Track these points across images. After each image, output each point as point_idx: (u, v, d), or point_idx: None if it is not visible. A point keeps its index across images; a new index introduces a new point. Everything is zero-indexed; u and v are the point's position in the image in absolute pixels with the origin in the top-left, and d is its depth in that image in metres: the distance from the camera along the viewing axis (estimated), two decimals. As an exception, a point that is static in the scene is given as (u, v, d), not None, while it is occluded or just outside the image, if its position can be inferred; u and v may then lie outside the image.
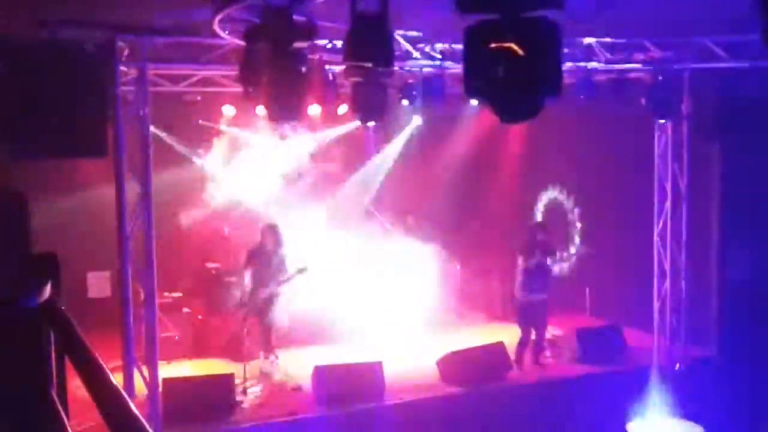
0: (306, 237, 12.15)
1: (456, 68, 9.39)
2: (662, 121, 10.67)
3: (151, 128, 8.97)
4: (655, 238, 11.03)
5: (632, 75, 10.32)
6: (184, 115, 11.44)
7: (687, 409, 9.91)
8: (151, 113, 8.82)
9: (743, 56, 9.51)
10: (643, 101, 10.08)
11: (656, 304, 11.06)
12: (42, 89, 7.78)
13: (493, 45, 5.52)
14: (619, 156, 11.79)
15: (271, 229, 10.17)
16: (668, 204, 10.88)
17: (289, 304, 10.53)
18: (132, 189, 8.77)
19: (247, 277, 9.97)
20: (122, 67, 8.73)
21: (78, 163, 10.65)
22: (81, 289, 11.45)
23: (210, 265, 11.79)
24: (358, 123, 11.89)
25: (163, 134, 10.95)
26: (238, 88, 8.66)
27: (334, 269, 12.00)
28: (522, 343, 10.53)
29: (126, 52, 8.73)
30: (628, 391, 10.21)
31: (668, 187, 10.88)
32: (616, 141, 11.77)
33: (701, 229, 10.99)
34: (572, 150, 12.68)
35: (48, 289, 2.63)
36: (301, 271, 9.95)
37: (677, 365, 10.79)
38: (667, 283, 10.94)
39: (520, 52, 5.62)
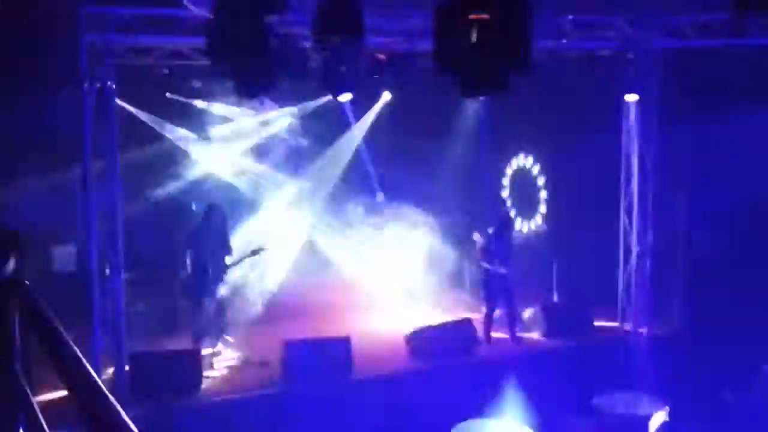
0: (275, 212, 12.16)
1: (427, 43, 9.36)
2: (631, 98, 10.74)
3: (118, 101, 8.86)
4: (622, 214, 11.15)
5: (602, 53, 10.37)
6: (152, 89, 11.29)
7: (651, 384, 10.08)
8: (117, 86, 8.71)
9: (715, 35, 9.60)
10: (612, 78, 10.14)
11: (622, 280, 11.22)
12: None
13: (472, 17, 5.56)
14: (587, 129, 11.83)
15: (214, 209, 10.05)
16: (635, 180, 10.99)
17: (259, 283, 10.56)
18: (100, 163, 8.68)
19: (189, 259, 9.81)
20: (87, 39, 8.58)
21: (48, 138, 10.44)
22: (46, 263, 11.33)
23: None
24: (329, 97, 11.91)
25: (130, 108, 10.82)
26: (207, 62, 8.55)
27: (304, 244, 12.03)
28: (486, 318, 10.64)
29: (90, 23, 8.58)
30: (594, 366, 10.37)
31: (635, 163, 10.98)
32: (585, 116, 11.80)
33: (668, 207, 11.12)
34: (541, 124, 12.69)
35: (12, 265, 2.62)
36: (256, 252, 9.92)
37: (642, 340, 10.96)
38: (633, 260, 11.08)
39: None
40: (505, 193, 13.73)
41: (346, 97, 9.38)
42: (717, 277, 10.46)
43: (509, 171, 14.46)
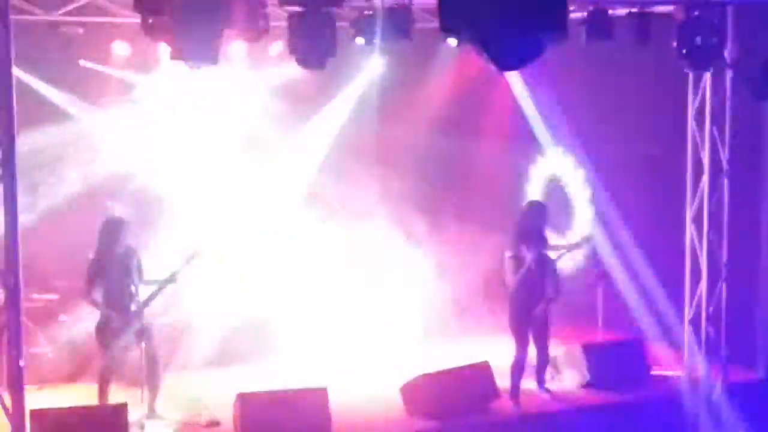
0: (223, 218, 12.11)
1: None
2: (698, 72, 10.71)
3: (15, 71, 8.76)
4: (688, 225, 11.09)
5: (659, 9, 10.33)
6: (61, 54, 11.22)
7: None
8: (14, 51, 8.61)
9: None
10: (674, 45, 10.10)
11: (688, 312, 11.15)
12: None
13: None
14: (642, 116, 11.80)
15: (117, 226, 9.93)
16: (705, 180, 10.94)
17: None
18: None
19: (99, 297, 9.70)
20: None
21: None
22: None
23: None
24: (297, 68, 11.89)
25: (31, 79, 10.73)
26: (134, 18, 8.48)
27: (262, 263, 11.96)
28: (518, 363, 10.50)
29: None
30: (652, 426, 10.30)
31: (705, 158, 10.93)
32: (638, 96, 11.77)
33: (748, 214, 11.08)
34: (580, 106, 12.69)
35: None
36: (191, 258, 9.79)
37: (716, 391, 10.91)
38: (703, 285, 11.02)
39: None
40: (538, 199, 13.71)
41: (320, 66, 9.29)
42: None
43: (537, 170, 14.45)
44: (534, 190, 14.40)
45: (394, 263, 12.58)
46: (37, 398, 9.67)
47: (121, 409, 9.20)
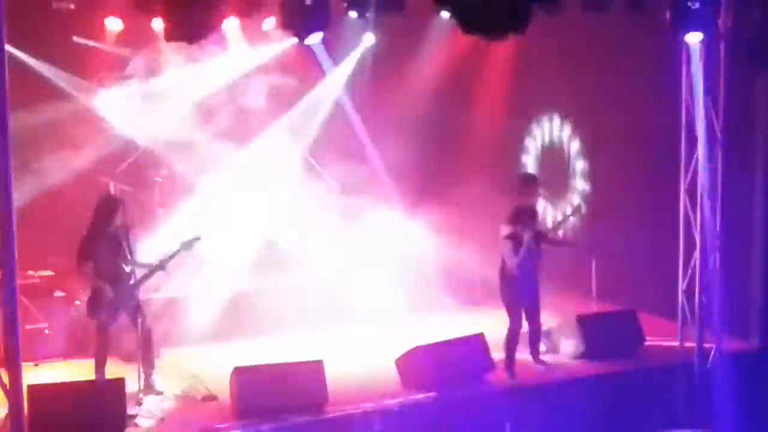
0: (219, 195, 12.10)
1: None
2: (693, 38, 10.67)
3: (7, 47, 8.74)
4: (682, 195, 11.09)
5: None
6: (53, 31, 11.19)
7: (720, 417, 10.05)
8: (5, 27, 8.58)
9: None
10: (667, 14, 10.07)
11: (682, 282, 11.18)
12: None
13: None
14: (636, 86, 11.77)
15: (114, 203, 10.01)
16: (699, 151, 10.93)
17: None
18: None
19: (91, 271, 9.72)
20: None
21: None
22: None
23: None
24: (291, 41, 11.88)
25: (22, 56, 10.70)
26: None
27: (257, 239, 11.97)
28: (512, 335, 10.53)
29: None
30: (646, 396, 10.33)
31: (699, 128, 10.92)
32: (632, 65, 11.75)
33: (742, 184, 11.08)
34: (574, 77, 12.68)
35: None
36: (190, 243, 9.82)
37: (709, 360, 10.95)
38: (697, 255, 11.03)
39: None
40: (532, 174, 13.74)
41: (314, 40, 9.28)
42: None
43: (532, 139, 14.46)
44: (528, 160, 14.44)
45: (391, 234, 12.59)
46: (34, 375, 9.72)
47: (118, 383, 9.23)
